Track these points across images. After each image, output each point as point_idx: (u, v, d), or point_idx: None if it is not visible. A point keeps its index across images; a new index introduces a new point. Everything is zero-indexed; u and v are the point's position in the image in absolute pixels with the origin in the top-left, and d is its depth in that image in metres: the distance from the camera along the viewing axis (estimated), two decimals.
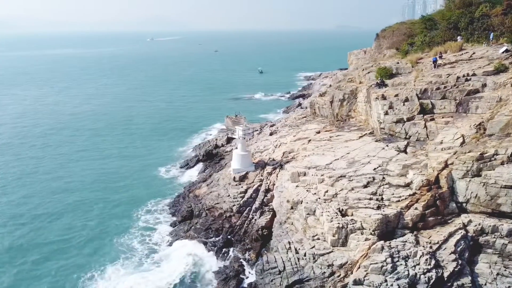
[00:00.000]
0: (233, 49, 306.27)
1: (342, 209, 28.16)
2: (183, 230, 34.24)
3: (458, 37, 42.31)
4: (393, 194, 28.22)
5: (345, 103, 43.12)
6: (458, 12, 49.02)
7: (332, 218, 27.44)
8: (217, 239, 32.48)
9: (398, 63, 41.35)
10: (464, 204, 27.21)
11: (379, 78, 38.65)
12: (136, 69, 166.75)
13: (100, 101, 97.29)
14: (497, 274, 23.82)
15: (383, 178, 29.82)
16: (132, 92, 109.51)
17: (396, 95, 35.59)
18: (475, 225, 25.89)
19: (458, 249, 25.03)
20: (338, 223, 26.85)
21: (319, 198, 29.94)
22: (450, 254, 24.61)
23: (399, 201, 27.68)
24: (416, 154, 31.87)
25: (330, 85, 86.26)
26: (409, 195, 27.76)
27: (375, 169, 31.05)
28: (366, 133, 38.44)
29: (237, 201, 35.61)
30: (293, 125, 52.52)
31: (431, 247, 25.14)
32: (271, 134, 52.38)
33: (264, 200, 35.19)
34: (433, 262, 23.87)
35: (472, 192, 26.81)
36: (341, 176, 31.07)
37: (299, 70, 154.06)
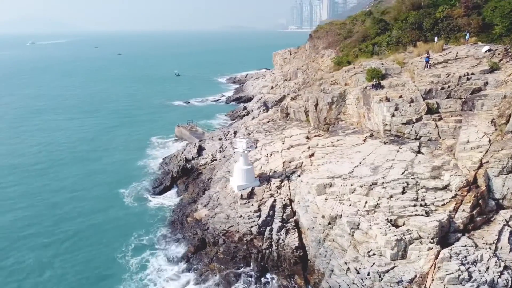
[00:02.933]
0: (139, 51, 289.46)
1: (391, 220, 27.02)
2: (204, 263, 29.90)
3: (435, 37, 44.23)
4: (435, 198, 27.91)
5: (334, 106, 42.24)
6: (414, 14, 51.55)
7: (385, 230, 26.08)
8: (249, 268, 28.94)
9: (382, 64, 41.70)
10: (501, 201, 28.05)
11: (374, 80, 38.43)
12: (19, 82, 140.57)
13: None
14: None
15: (417, 182, 29.39)
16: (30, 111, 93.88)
17: (401, 97, 35.65)
18: None
19: None
20: (395, 235, 25.57)
21: (359, 210, 28.39)
22: (510, 252, 25.05)
23: (444, 204, 27.45)
24: (435, 155, 32.14)
25: (272, 87, 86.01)
26: (452, 198, 27.70)
27: (403, 173, 30.52)
28: (366, 136, 37.99)
29: (254, 221, 32.35)
30: (269, 132, 50.25)
31: (489, 248, 25.33)
32: None
33: (284, 217, 32.53)
34: (502, 263, 23.96)
35: (508, 188, 27.71)
36: (372, 184, 29.91)
37: (216, 72, 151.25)
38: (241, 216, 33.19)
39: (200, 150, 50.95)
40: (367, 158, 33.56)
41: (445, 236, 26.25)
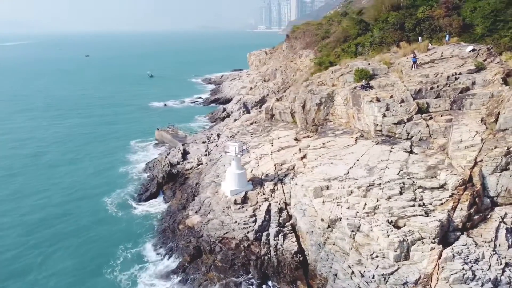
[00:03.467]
0: (107, 53, 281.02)
1: (391, 221, 26.96)
2: (202, 272, 28.86)
3: (419, 38, 44.82)
4: (433, 197, 28.08)
5: (322, 107, 42.08)
6: (395, 14, 52.24)
7: (387, 232, 25.98)
8: (249, 275, 28.16)
9: (369, 64, 41.87)
10: (495, 198, 28.56)
11: (363, 81, 38.49)
12: None
13: None
14: None
15: (413, 182, 29.52)
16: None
17: (391, 97, 35.84)
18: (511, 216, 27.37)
19: (510, 242, 26.08)
20: (398, 237, 25.50)
21: (358, 212, 28.20)
22: (508, 249, 25.49)
23: (442, 204, 27.65)
24: (428, 154, 32.43)
25: (251, 88, 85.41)
26: (449, 197, 27.94)
27: (398, 173, 30.60)
28: (357, 137, 38.00)
29: (250, 226, 31.62)
30: (254, 134, 49.59)
31: (489, 246, 25.68)
32: None
33: (280, 221, 31.99)
34: (503, 261, 24.31)
35: (502, 186, 28.25)
36: (370, 185, 29.83)
37: (190, 72, 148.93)
38: (236, 222, 32.38)
39: (185, 154, 49.69)
40: (360, 159, 33.49)
41: (445, 235, 26.41)
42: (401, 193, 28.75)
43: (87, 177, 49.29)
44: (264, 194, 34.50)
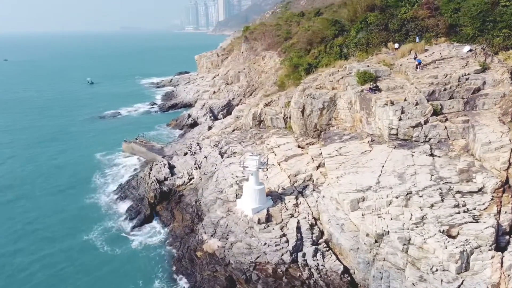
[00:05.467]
0: (30, 56, 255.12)
1: (443, 230, 25.87)
2: None
3: (417, 38, 44.75)
4: (475, 202, 27.53)
5: (325, 112, 40.36)
6: (374, 15, 52.20)
7: (444, 243, 24.82)
8: None
9: (368, 66, 40.94)
10: None
11: (371, 83, 37.40)
12: None
13: None
14: None
15: (450, 187, 28.83)
16: None
17: (405, 99, 35.08)
18: None
19: None
20: (457, 247, 24.43)
21: (405, 224, 26.77)
22: None
23: (486, 208, 27.18)
24: (451, 156, 32.07)
25: (215, 91, 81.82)
26: (490, 200, 27.58)
27: (431, 179, 29.78)
28: (368, 141, 36.82)
29: (282, 248, 28.89)
30: (243, 142, 46.55)
31: None
32: (221, 155, 45.03)
33: (313, 238, 29.63)
34: None
35: None
36: (408, 194, 28.60)
37: (131, 77, 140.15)
38: (265, 243, 29.43)
39: (170, 168, 45.18)
40: (385, 166, 32.22)
41: (496, 240, 25.94)
42: (442, 200, 27.85)
43: (51, 215, 40.28)
44: (287, 209, 31.88)
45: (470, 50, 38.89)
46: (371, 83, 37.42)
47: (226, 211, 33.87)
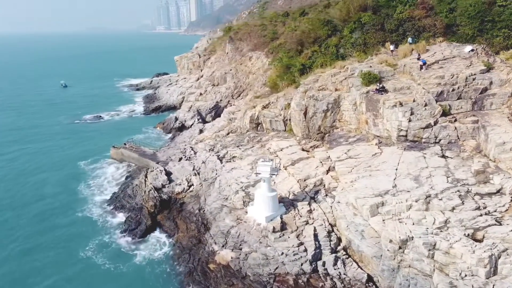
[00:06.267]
0: None
1: (468, 234, 25.39)
2: None
3: (409, 39, 44.27)
4: (496, 204, 27.23)
5: (329, 114, 39.50)
6: (368, 15, 51.85)
7: (472, 247, 24.31)
8: None
9: (370, 66, 40.37)
10: None
11: (377, 84, 36.79)
12: None
13: None
14: None
15: (468, 189, 28.46)
16: None
17: (414, 100, 34.64)
18: None
19: None
20: (485, 252, 23.97)
21: (428, 228, 26.14)
22: None
23: (507, 210, 26.92)
24: (464, 158, 31.81)
25: (201, 93, 79.89)
26: (510, 201, 27.35)
27: (447, 181, 29.35)
28: (376, 143, 36.21)
29: (301, 257, 27.74)
30: (241, 145, 45.14)
31: None
32: (220, 160, 43.46)
33: (332, 246, 28.62)
34: None
35: None
36: (427, 197, 28.03)
37: (108, 79, 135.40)
38: (282, 253, 28.18)
39: (167, 175, 43.23)
40: (399, 168, 31.61)
41: None
42: (462, 202, 27.41)
43: (42, 234, 36.79)
44: (301, 216, 30.74)
45: (472, 50, 38.91)
46: (377, 84, 36.81)
47: (236, 220, 32.42)
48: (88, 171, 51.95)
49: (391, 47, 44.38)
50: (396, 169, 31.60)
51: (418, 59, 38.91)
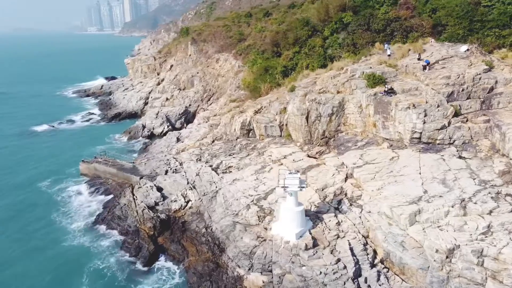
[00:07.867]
0: None
1: None
2: None
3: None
4: None
5: (333, 118, 37.85)
6: (349, 15, 51.24)
7: None
8: None
9: (370, 67, 39.34)
10: None
11: (386, 86, 35.76)
12: None
13: None
14: None
15: (498, 190, 28.11)
16: None
17: (427, 102, 33.98)
18: None
19: None
20: None
21: (472, 235, 25.28)
22: None
23: None
24: (482, 158, 31.61)
25: (167, 98, 75.27)
26: None
27: (475, 183, 28.86)
28: (387, 146, 35.18)
29: (342, 275, 25.67)
30: (236, 154, 42.20)
31: None
32: (215, 171, 40.16)
33: (369, 259, 26.86)
34: None
35: None
36: (462, 201, 27.24)
37: (51, 84, 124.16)
38: (320, 272, 25.90)
39: (159, 190, 39.12)
40: (423, 173, 30.66)
41: None
42: (498, 205, 26.93)
43: (29, 277, 31.35)
44: (330, 230, 28.66)
45: (467, 50, 39.25)
46: (385, 86, 35.78)
47: (257, 238, 29.58)
48: (54, 194, 45.23)
49: (388, 52, 42.58)
50: (420, 173, 30.63)
51: (419, 59, 38.52)
